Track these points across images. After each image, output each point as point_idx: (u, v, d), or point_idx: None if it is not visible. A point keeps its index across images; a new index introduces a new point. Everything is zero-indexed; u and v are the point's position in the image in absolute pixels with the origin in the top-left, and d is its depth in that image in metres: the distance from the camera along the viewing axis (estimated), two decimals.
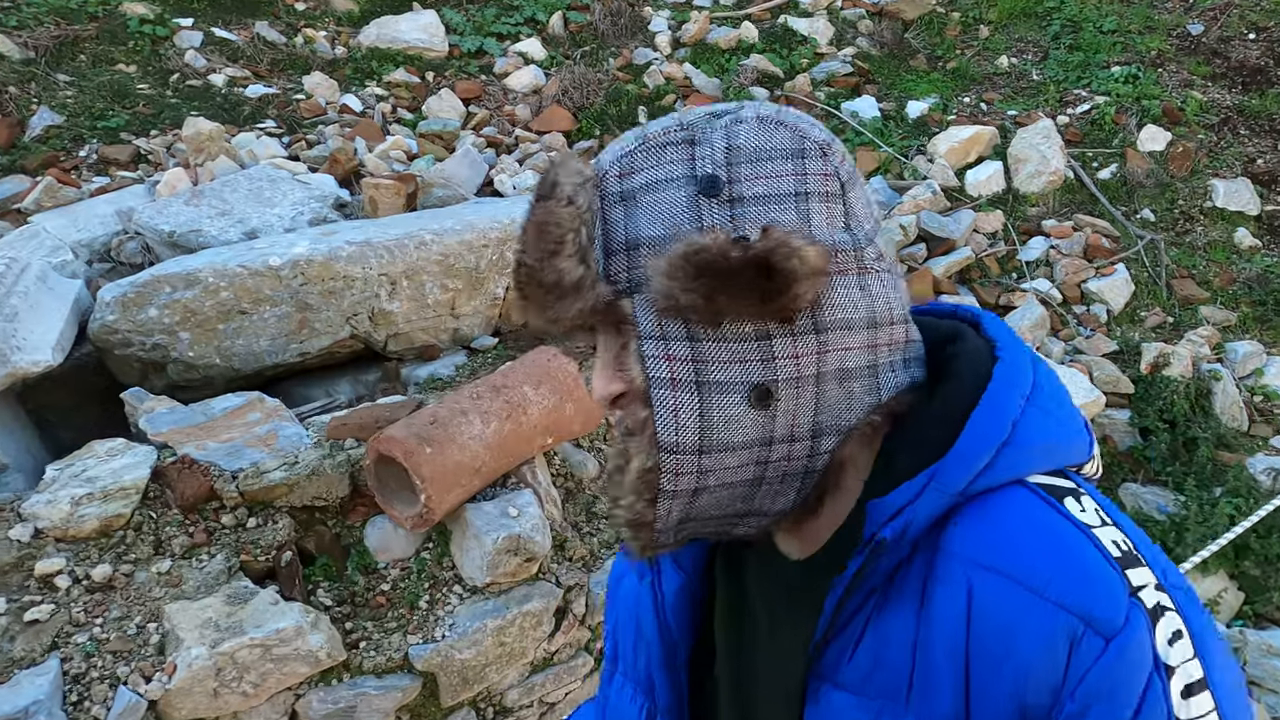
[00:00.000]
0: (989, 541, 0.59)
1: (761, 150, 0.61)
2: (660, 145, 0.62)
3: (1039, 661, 0.55)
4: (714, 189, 0.60)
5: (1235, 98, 5.50)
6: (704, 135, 0.62)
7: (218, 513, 1.96)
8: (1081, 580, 0.56)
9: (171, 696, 1.57)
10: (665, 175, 0.61)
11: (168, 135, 4.66)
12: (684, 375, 0.60)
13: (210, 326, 2.60)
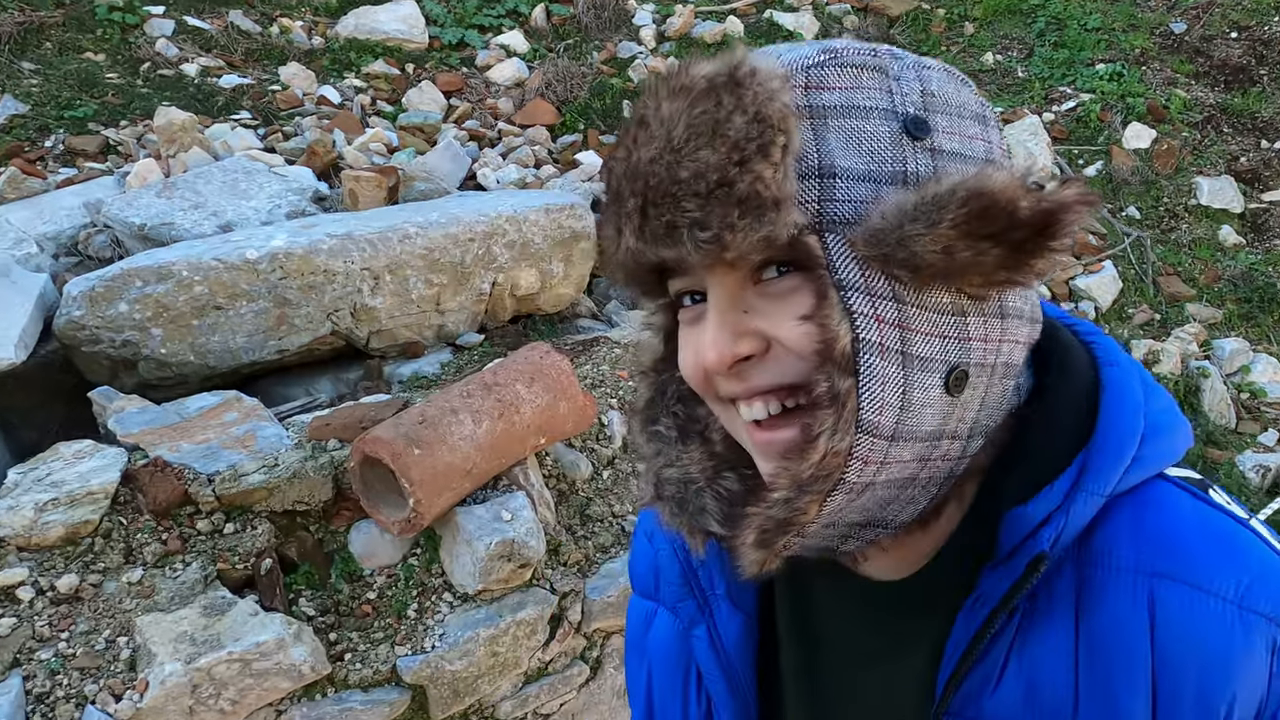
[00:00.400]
0: (1158, 545, 0.54)
1: (954, 104, 0.55)
2: (855, 66, 0.53)
3: (1242, 674, 0.51)
4: (920, 131, 0.53)
5: (1218, 96, 5.53)
6: (896, 69, 0.54)
7: (193, 518, 1.85)
8: (1270, 581, 0.53)
9: (143, 716, 1.47)
10: (865, 101, 0.53)
11: (138, 126, 4.51)
12: (891, 342, 0.51)
13: (184, 322, 2.49)
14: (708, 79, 0.50)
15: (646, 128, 0.52)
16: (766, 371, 0.54)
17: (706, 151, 0.49)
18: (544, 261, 3.25)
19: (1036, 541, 0.54)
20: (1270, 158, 5.21)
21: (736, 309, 0.54)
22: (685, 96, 0.50)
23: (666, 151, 0.50)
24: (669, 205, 0.50)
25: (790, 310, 0.52)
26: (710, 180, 0.49)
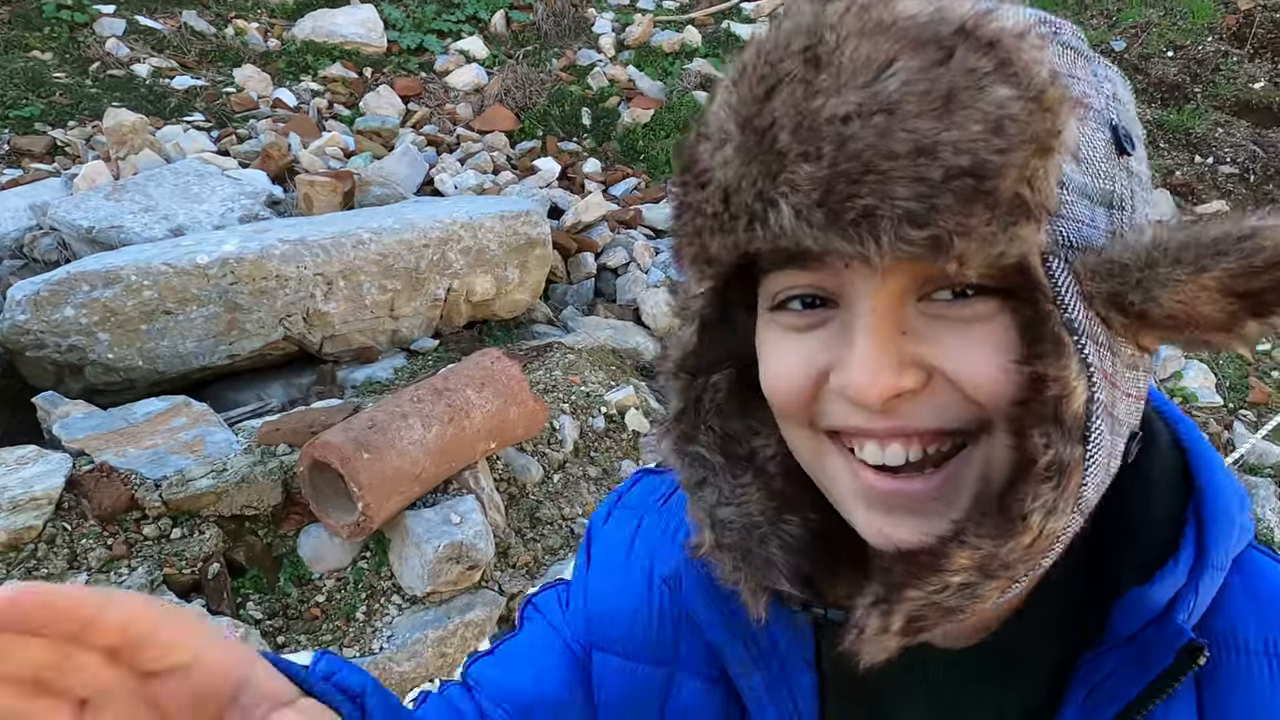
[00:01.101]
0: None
1: (1134, 115, 0.47)
2: (1073, 49, 0.45)
3: None
4: (1128, 145, 0.45)
5: (1155, 112, 5.75)
6: (1097, 64, 0.46)
7: (139, 523, 1.86)
8: None
9: None
10: (1094, 104, 0.44)
11: (86, 127, 4.45)
12: (1110, 404, 0.43)
13: (132, 327, 2.47)
14: (926, 27, 0.38)
15: (821, 68, 0.39)
16: (921, 411, 0.44)
17: (935, 124, 0.37)
18: (499, 268, 3.28)
19: (1176, 628, 0.47)
20: (1204, 172, 5.44)
21: (896, 329, 0.43)
22: (894, 41, 0.38)
23: (872, 110, 0.38)
24: (872, 183, 0.38)
25: (983, 344, 0.42)
26: (949, 164, 0.37)
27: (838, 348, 0.45)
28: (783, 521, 0.52)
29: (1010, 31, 0.38)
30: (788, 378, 0.47)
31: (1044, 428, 0.41)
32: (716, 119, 0.43)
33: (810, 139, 0.38)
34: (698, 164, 0.44)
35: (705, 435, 0.54)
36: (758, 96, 0.41)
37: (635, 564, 0.64)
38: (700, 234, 0.44)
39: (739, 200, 0.41)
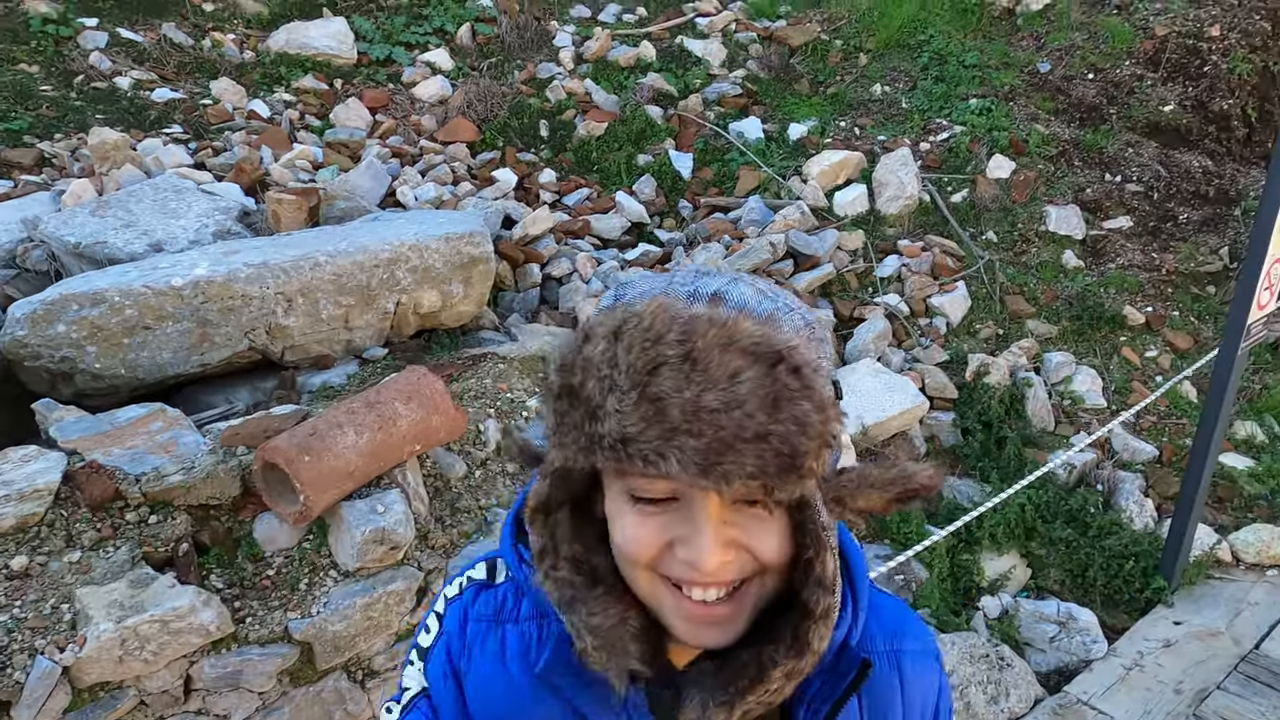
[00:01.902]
0: (891, 629, 0.81)
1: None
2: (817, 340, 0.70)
3: (937, 692, 0.83)
4: (839, 393, 0.69)
5: (1073, 132, 6.18)
6: (824, 340, 0.71)
7: (122, 511, 2.28)
8: (927, 631, 0.86)
9: (82, 663, 1.91)
10: (824, 368, 0.68)
11: (72, 139, 4.78)
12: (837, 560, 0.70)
13: (115, 340, 2.88)
14: (758, 347, 0.59)
15: (696, 366, 0.58)
16: (731, 569, 0.66)
17: (766, 418, 0.58)
18: (444, 283, 3.69)
19: (854, 652, 0.74)
20: (1111, 190, 5.88)
21: (722, 522, 0.64)
22: (740, 356, 0.59)
23: (734, 407, 0.58)
24: (733, 456, 0.58)
25: (772, 533, 0.66)
26: (776, 449, 0.58)
27: (680, 528, 0.65)
28: (628, 619, 0.71)
29: (809, 364, 0.61)
30: (641, 545, 0.67)
31: (814, 589, 0.67)
32: (602, 369, 0.61)
33: (695, 421, 0.58)
34: (589, 399, 0.61)
35: (563, 563, 0.71)
36: (646, 369, 0.59)
37: (515, 670, 0.79)
38: (592, 454, 0.62)
39: (635, 448, 0.59)
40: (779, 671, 0.67)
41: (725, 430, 0.58)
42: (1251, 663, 3.31)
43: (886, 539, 3.87)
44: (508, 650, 0.80)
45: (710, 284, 0.69)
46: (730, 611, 0.68)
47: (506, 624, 0.82)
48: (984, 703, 3.13)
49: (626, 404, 0.59)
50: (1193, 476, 3.62)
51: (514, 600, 0.83)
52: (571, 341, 0.65)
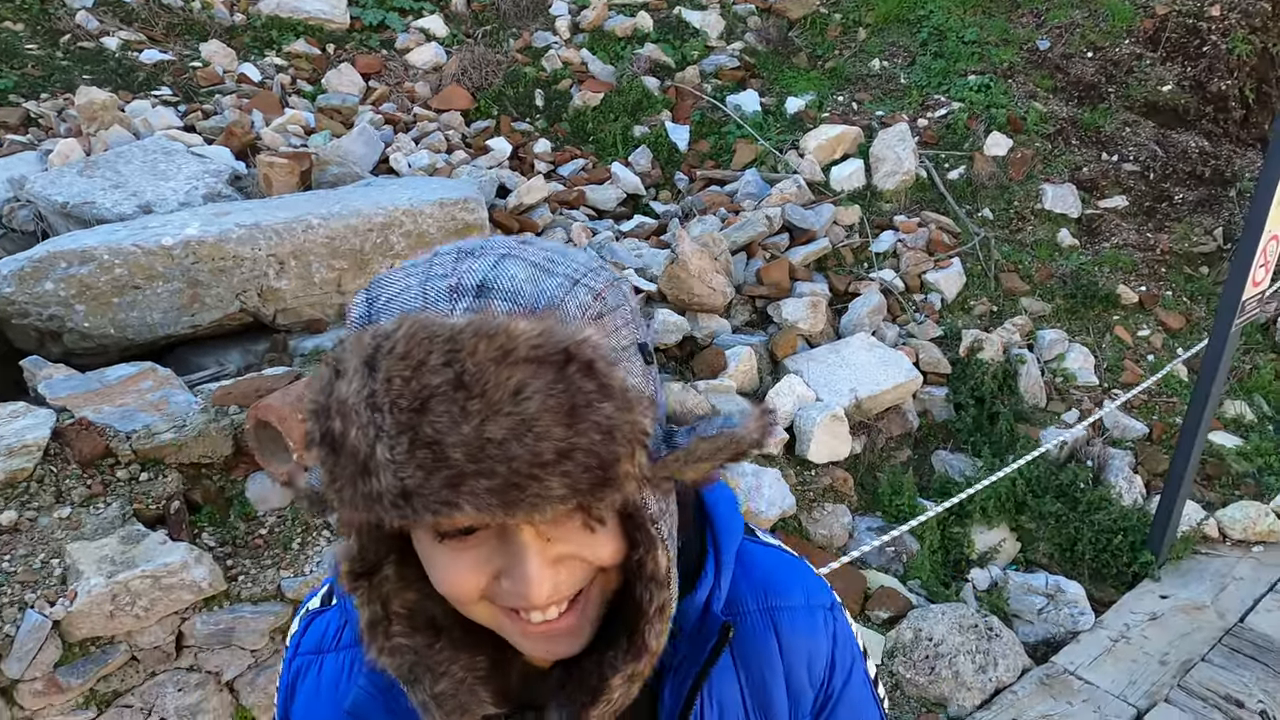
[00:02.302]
0: (763, 588, 0.77)
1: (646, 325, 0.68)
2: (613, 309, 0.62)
3: (823, 646, 0.77)
4: (649, 356, 0.64)
5: (1071, 110, 6.16)
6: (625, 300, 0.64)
7: (113, 468, 2.26)
8: (814, 580, 0.81)
9: (73, 618, 1.89)
10: (624, 341, 0.61)
11: (58, 99, 4.70)
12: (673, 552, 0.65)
13: (105, 300, 2.84)
14: (540, 350, 0.51)
15: (470, 393, 0.50)
16: (565, 583, 0.61)
17: (566, 431, 0.51)
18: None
19: (714, 616, 0.71)
20: (1108, 169, 5.87)
21: (544, 543, 0.59)
22: (519, 366, 0.51)
23: (524, 431, 0.51)
24: (535, 486, 0.51)
25: (601, 537, 0.61)
26: (583, 464, 0.52)
27: (500, 560, 0.60)
28: (476, 666, 0.67)
29: (602, 356, 0.53)
30: (463, 585, 0.61)
31: (647, 586, 0.63)
32: (360, 411, 0.52)
33: (481, 459, 0.50)
34: (355, 451, 0.52)
35: (398, 625, 0.65)
36: (413, 406, 0.50)
37: (327, 704, 0.75)
38: (375, 512, 0.53)
39: (422, 501, 0.51)
40: (619, 678, 0.64)
41: (519, 460, 0.51)
42: (1236, 635, 3.35)
43: (879, 511, 3.89)
44: (322, 684, 0.76)
45: (475, 269, 0.59)
46: (575, 622, 0.64)
47: (327, 654, 0.77)
48: (972, 672, 3.16)
49: (399, 452, 0.51)
50: (1182, 453, 3.65)
51: (338, 625, 0.78)
52: (323, 378, 0.55)
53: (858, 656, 0.84)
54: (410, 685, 0.65)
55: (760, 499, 3.30)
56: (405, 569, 0.65)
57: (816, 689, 0.78)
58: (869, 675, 0.86)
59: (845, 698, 0.81)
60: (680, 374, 4.02)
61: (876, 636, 3.35)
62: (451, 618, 0.67)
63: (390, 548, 0.65)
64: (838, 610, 0.82)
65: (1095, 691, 3.09)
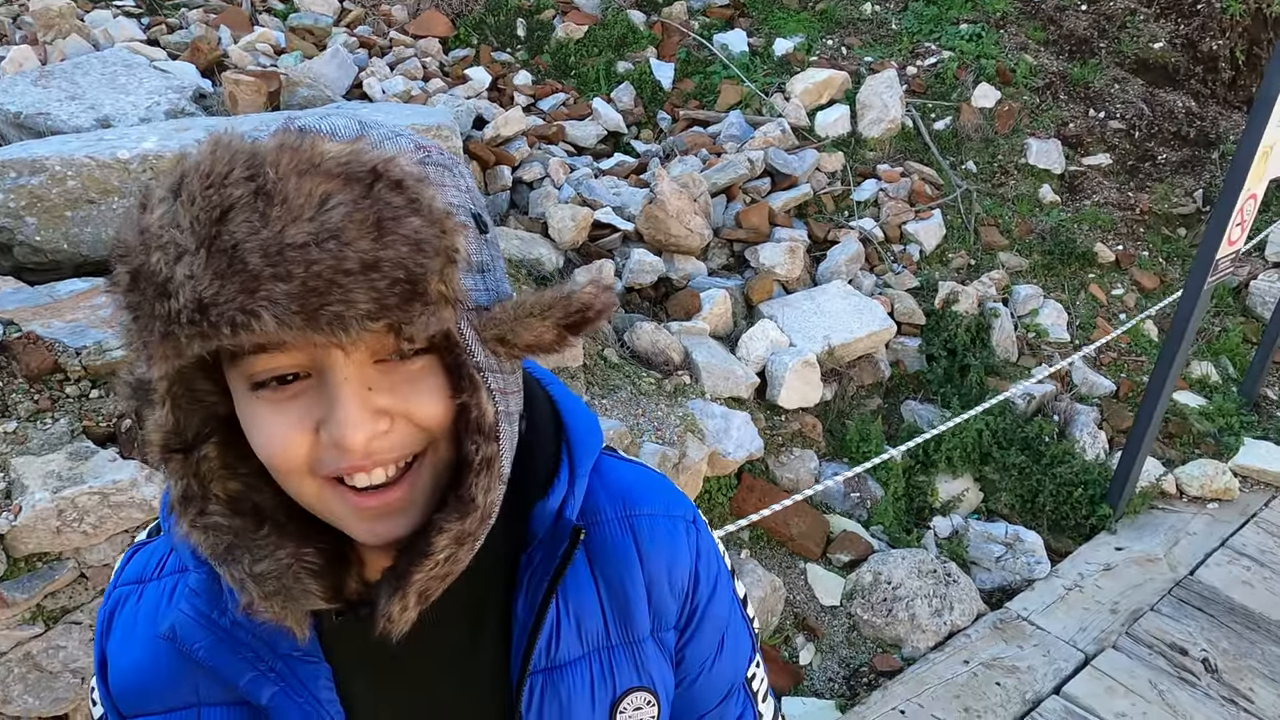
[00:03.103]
0: (624, 497, 0.76)
1: (483, 202, 0.67)
2: (441, 165, 0.61)
3: (684, 555, 0.77)
4: (484, 227, 0.64)
5: (1061, 64, 6.07)
6: (456, 168, 0.63)
7: (62, 384, 2.19)
8: (674, 494, 0.81)
9: (18, 532, 1.85)
10: (456, 200, 0.61)
11: (14, 5, 4.48)
12: (505, 406, 0.62)
13: (57, 214, 2.73)
14: (347, 167, 0.51)
15: (272, 200, 0.49)
16: (391, 444, 0.59)
17: (373, 244, 0.50)
18: None
19: (566, 521, 0.70)
20: (1094, 125, 5.82)
21: (365, 389, 0.56)
22: (326, 180, 0.50)
23: (327, 238, 0.49)
24: (339, 295, 0.50)
25: (428, 389, 0.59)
26: (391, 276, 0.50)
27: (320, 409, 0.57)
28: (304, 556, 0.63)
29: (411, 175, 0.53)
30: (285, 443, 0.57)
31: (473, 438, 0.60)
32: (165, 233, 0.51)
33: (279, 262, 0.49)
34: (155, 274, 0.51)
35: (215, 504, 0.61)
36: (212, 218, 0.49)
37: (143, 633, 0.71)
38: (175, 338, 0.51)
39: (218, 312, 0.49)
40: (444, 538, 0.60)
41: (320, 265, 0.49)
42: (1185, 587, 3.43)
43: (846, 458, 3.91)
44: (140, 613, 0.72)
45: (301, 119, 0.59)
46: (403, 495, 0.60)
47: (148, 583, 0.73)
48: (928, 614, 3.22)
49: (197, 265, 0.49)
50: (1146, 409, 3.69)
51: (163, 554, 0.74)
52: (129, 215, 0.53)
53: (724, 571, 0.82)
54: (226, 564, 0.61)
55: (728, 440, 3.30)
56: (229, 453, 0.62)
57: (680, 600, 0.77)
58: (736, 593, 0.85)
59: (711, 613, 0.80)
60: (654, 315, 3.98)
61: (836, 578, 3.40)
62: (282, 509, 0.63)
63: (211, 425, 0.62)
64: (701, 525, 0.81)
65: (1046, 636, 3.17)
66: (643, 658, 0.75)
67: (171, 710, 0.70)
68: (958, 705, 2.84)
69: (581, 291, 0.61)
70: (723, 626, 0.82)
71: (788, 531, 3.40)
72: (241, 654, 0.66)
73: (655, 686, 0.76)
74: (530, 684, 0.70)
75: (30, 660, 1.91)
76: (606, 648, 0.73)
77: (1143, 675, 2.98)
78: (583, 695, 0.72)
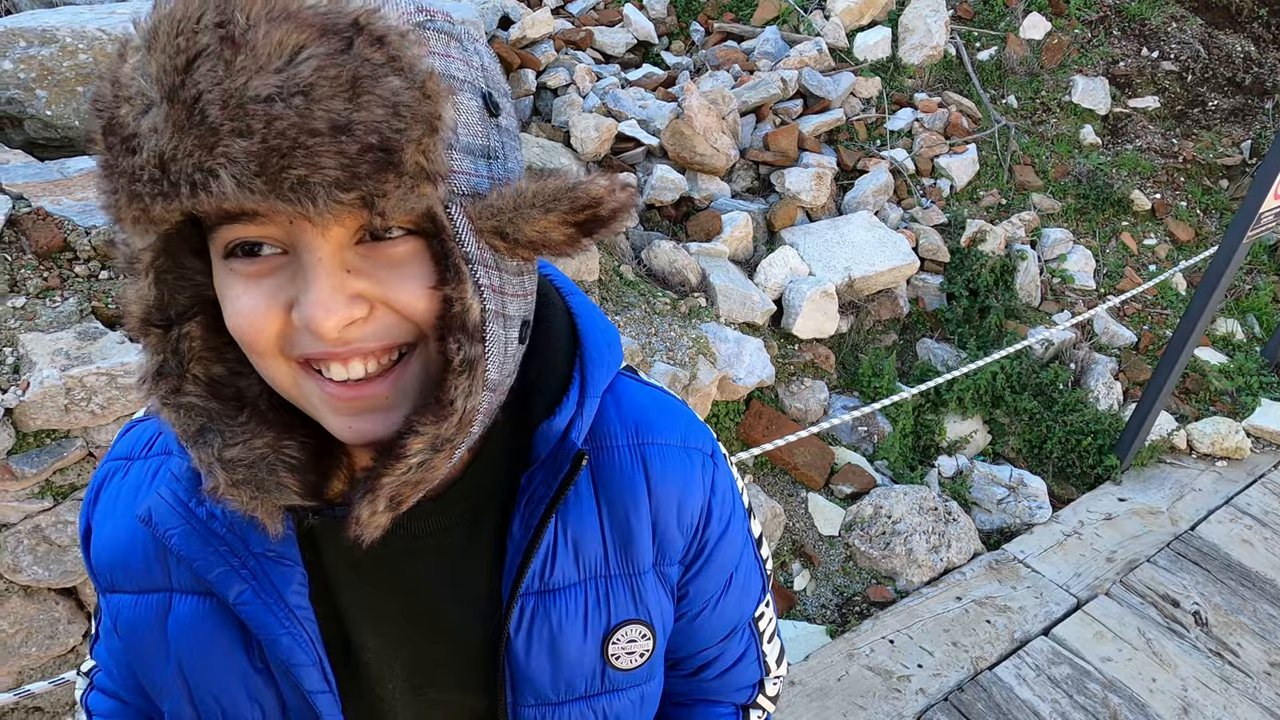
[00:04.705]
0: (637, 423, 0.71)
1: (502, 84, 0.59)
2: (445, 34, 0.53)
3: (696, 488, 0.72)
4: (495, 109, 0.56)
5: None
6: (468, 41, 0.56)
7: (71, 263, 2.16)
8: (695, 425, 0.75)
9: (26, 408, 1.85)
10: (459, 73, 0.53)
11: None
12: (500, 308, 0.57)
13: (69, 88, 2.66)
14: (325, 17, 0.46)
15: (239, 48, 0.44)
16: (371, 333, 0.54)
17: (346, 105, 0.45)
18: None
19: (570, 444, 0.65)
20: (1145, 65, 5.56)
21: (341, 270, 0.52)
22: (300, 29, 0.45)
23: (294, 93, 0.44)
24: (302, 157, 0.45)
25: (409, 276, 0.53)
26: (363, 141, 0.45)
27: (293, 288, 0.52)
28: (283, 448, 0.60)
29: (395, 30, 0.47)
30: (253, 319, 0.53)
31: (455, 336, 0.54)
32: (134, 83, 0.47)
33: (239, 116, 0.44)
34: (123, 127, 0.47)
35: (193, 385, 0.58)
36: (178, 67, 0.45)
37: (124, 509, 0.70)
38: (140, 198, 0.48)
39: (178, 169, 0.46)
40: (419, 441, 0.55)
41: (284, 121, 0.44)
42: (1184, 542, 3.44)
43: (857, 391, 3.89)
44: (123, 490, 0.70)
45: None
46: (384, 390, 0.56)
47: (135, 460, 0.72)
48: (925, 550, 3.24)
49: (159, 117, 0.46)
50: (1167, 361, 3.62)
51: (153, 434, 0.72)
52: (108, 66, 0.49)
53: (739, 510, 0.78)
54: (195, 445, 0.58)
55: (740, 366, 3.27)
56: (215, 336, 0.59)
57: (689, 536, 0.73)
58: (752, 534, 0.81)
59: (720, 550, 0.76)
60: (674, 234, 3.90)
61: (837, 509, 3.42)
62: (266, 398, 0.60)
63: (198, 304, 0.58)
64: (720, 459, 0.76)
65: (1040, 579, 3.19)
66: (641, 590, 0.72)
67: (145, 591, 0.69)
68: (946, 639, 2.89)
69: (591, 184, 0.55)
70: (731, 566, 0.78)
71: (792, 460, 3.41)
72: (214, 546, 0.64)
73: (652, 620, 0.73)
74: (521, 605, 0.68)
75: (39, 533, 1.94)
76: (604, 576, 0.70)
77: (1132, 623, 3.01)
78: (575, 622, 0.69)
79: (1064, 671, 2.79)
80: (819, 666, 2.74)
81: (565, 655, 0.69)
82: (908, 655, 2.80)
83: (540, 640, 0.68)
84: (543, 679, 0.69)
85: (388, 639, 0.69)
